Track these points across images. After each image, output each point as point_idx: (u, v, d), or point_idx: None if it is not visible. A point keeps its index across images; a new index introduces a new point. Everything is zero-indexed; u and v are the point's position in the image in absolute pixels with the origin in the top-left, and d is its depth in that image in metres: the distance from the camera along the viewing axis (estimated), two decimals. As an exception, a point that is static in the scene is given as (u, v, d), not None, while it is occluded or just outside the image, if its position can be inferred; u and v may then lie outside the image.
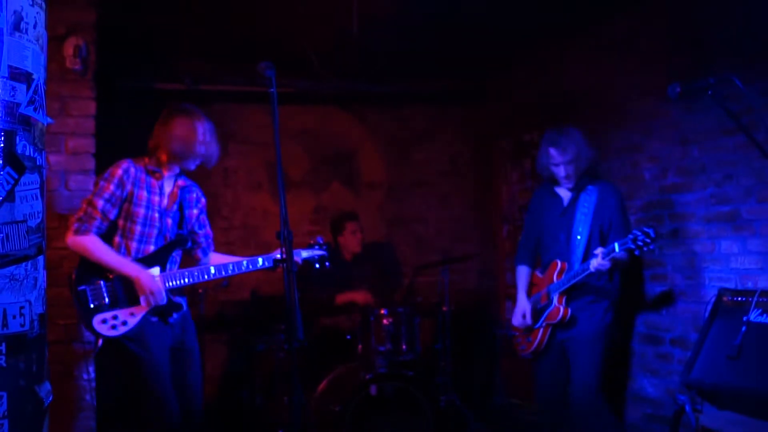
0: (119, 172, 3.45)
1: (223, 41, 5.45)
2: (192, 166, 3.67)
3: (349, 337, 5.11)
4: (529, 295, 4.25)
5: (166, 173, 3.61)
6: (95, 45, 4.43)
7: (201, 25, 5.08)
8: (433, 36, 5.30)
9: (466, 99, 6.83)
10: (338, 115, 6.64)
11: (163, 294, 3.48)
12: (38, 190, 1.62)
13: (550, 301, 4.05)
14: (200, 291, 5.36)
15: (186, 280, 3.58)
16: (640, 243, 3.59)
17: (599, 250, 3.80)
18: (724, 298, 3.64)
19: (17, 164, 1.55)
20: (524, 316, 4.19)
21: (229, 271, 3.69)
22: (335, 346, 5.25)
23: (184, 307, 3.66)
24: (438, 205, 6.83)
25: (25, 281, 1.58)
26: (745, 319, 3.43)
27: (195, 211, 3.81)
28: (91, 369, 4.33)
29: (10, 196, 1.54)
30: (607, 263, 3.76)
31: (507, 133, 6.47)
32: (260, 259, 3.75)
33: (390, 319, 4.79)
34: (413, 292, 5.90)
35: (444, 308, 5.26)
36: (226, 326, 5.91)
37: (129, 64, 5.58)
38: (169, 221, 3.63)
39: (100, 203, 3.39)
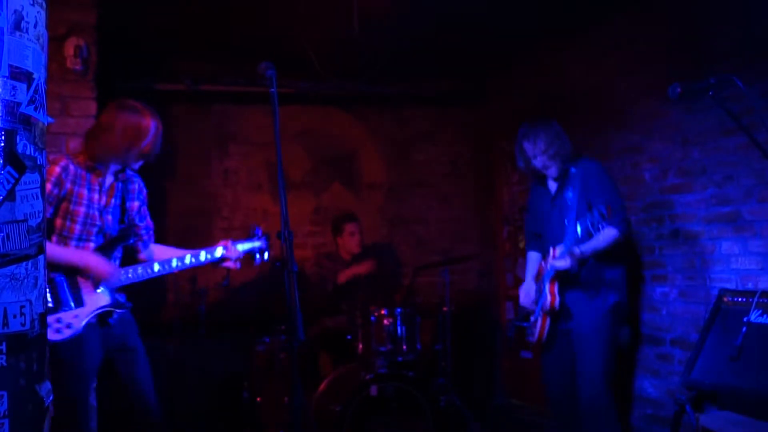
0: (57, 169, 3.28)
1: (223, 42, 5.45)
2: (134, 165, 3.56)
3: (349, 337, 5.11)
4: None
5: (106, 172, 3.46)
6: (96, 45, 4.44)
7: (201, 25, 5.08)
8: (434, 36, 5.30)
9: (466, 100, 6.83)
10: (338, 116, 6.64)
11: (117, 273, 3.38)
12: (39, 190, 1.61)
13: (543, 289, 4.03)
14: (200, 290, 5.36)
15: (130, 278, 3.46)
16: (596, 220, 3.55)
17: (557, 249, 3.88)
18: (725, 299, 3.64)
19: (18, 163, 1.54)
20: (527, 295, 4.21)
21: (173, 268, 3.57)
22: (336, 346, 5.26)
23: (128, 304, 3.53)
24: (438, 205, 6.83)
25: (25, 281, 1.57)
26: (745, 319, 3.43)
27: (136, 203, 3.67)
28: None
29: (10, 196, 1.53)
30: (569, 259, 3.80)
31: (507, 133, 6.45)
32: (203, 253, 3.64)
33: (390, 320, 4.79)
34: (413, 292, 5.90)
35: (444, 309, 5.26)
36: (227, 326, 5.91)
37: (129, 65, 5.58)
38: (110, 218, 3.49)
39: None
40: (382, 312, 4.81)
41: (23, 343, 1.58)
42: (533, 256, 4.38)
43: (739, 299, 3.56)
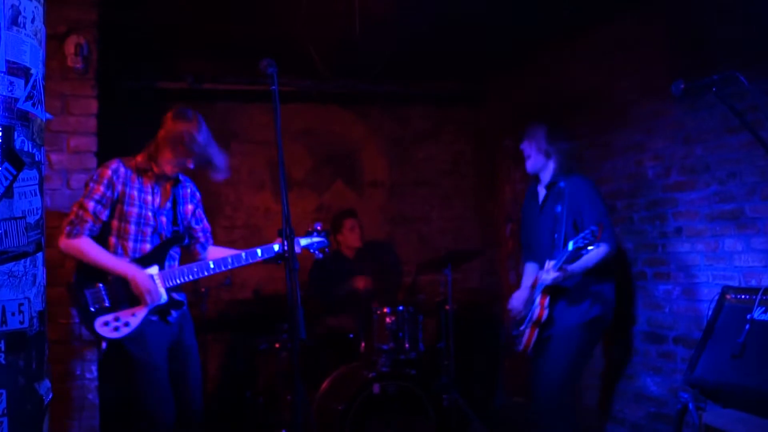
0: (108, 172, 3.41)
1: (225, 40, 5.44)
2: (189, 166, 3.63)
3: (351, 335, 5.10)
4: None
5: (157, 171, 3.56)
6: (97, 44, 4.42)
7: (203, 23, 5.07)
8: (435, 36, 5.29)
9: (468, 98, 6.83)
10: (340, 115, 6.63)
11: (161, 292, 3.46)
12: (37, 186, 1.61)
13: (533, 302, 4.12)
14: (203, 290, 5.36)
15: (186, 277, 3.56)
16: (587, 240, 3.69)
17: (550, 263, 3.94)
18: (728, 296, 3.63)
19: (16, 160, 1.54)
20: (516, 300, 4.31)
21: (228, 265, 3.64)
22: (338, 345, 5.24)
23: (185, 304, 3.65)
24: (440, 204, 6.82)
25: (24, 278, 1.57)
26: (748, 317, 3.40)
27: (190, 207, 3.78)
28: (93, 368, 4.32)
29: (8, 192, 1.53)
30: (557, 274, 3.88)
31: (509, 132, 6.45)
32: (259, 250, 3.71)
33: (392, 318, 4.78)
34: (416, 290, 5.89)
35: (447, 307, 5.25)
36: (229, 325, 5.91)
37: (131, 63, 5.58)
38: (164, 219, 3.61)
39: (90, 205, 3.36)
40: (385, 310, 4.80)
41: (22, 342, 1.57)
42: (529, 267, 4.47)
43: (743, 296, 3.54)
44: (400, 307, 4.83)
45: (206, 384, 5.55)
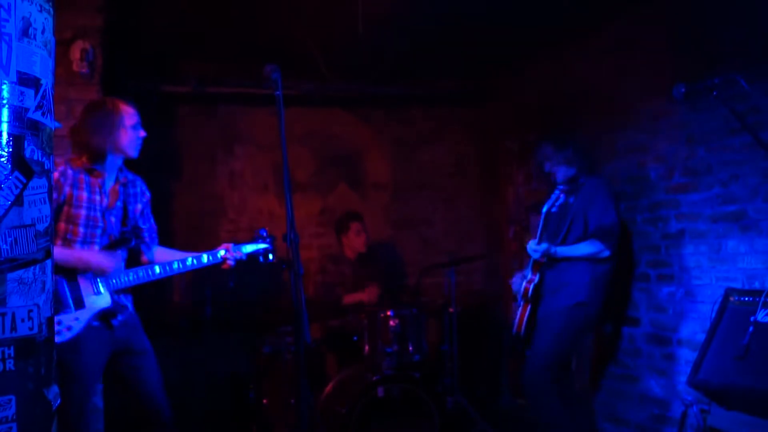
0: (55, 175, 3.28)
1: (228, 43, 5.47)
2: (130, 152, 3.52)
3: (355, 338, 5.11)
4: None
5: (105, 173, 3.45)
6: (102, 48, 4.45)
7: (206, 27, 5.09)
8: (438, 37, 5.30)
9: (471, 100, 6.83)
10: (344, 117, 6.64)
11: (119, 266, 3.40)
12: (46, 194, 1.63)
13: (526, 275, 4.40)
14: (207, 292, 5.37)
15: (131, 281, 3.45)
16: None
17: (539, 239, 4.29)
18: (731, 298, 3.63)
19: (26, 168, 1.56)
20: (516, 277, 4.58)
21: (174, 270, 3.56)
22: (341, 347, 5.26)
23: (130, 308, 3.53)
24: (444, 206, 6.83)
25: (33, 285, 1.59)
26: (752, 319, 3.41)
27: (139, 206, 3.65)
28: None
29: (18, 201, 1.54)
30: (540, 250, 4.22)
31: (512, 134, 6.47)
32: (205, 256, 3.63)
33: (396, 320, 4.79)
34: (419, 293, 5.90)
35: (450, 309, 5.26)
36: (233, 328, 5.92)
37: (135, 67, 5.60)
38: (113, 220, 3.49)
39: None
40: (388, 313, 4.81)
41: (31, 348, 1.59)
42: None
43: (746, 298, 3.55)
44: (404, 310, 4.84)
45: (210, 386, 5.58)
